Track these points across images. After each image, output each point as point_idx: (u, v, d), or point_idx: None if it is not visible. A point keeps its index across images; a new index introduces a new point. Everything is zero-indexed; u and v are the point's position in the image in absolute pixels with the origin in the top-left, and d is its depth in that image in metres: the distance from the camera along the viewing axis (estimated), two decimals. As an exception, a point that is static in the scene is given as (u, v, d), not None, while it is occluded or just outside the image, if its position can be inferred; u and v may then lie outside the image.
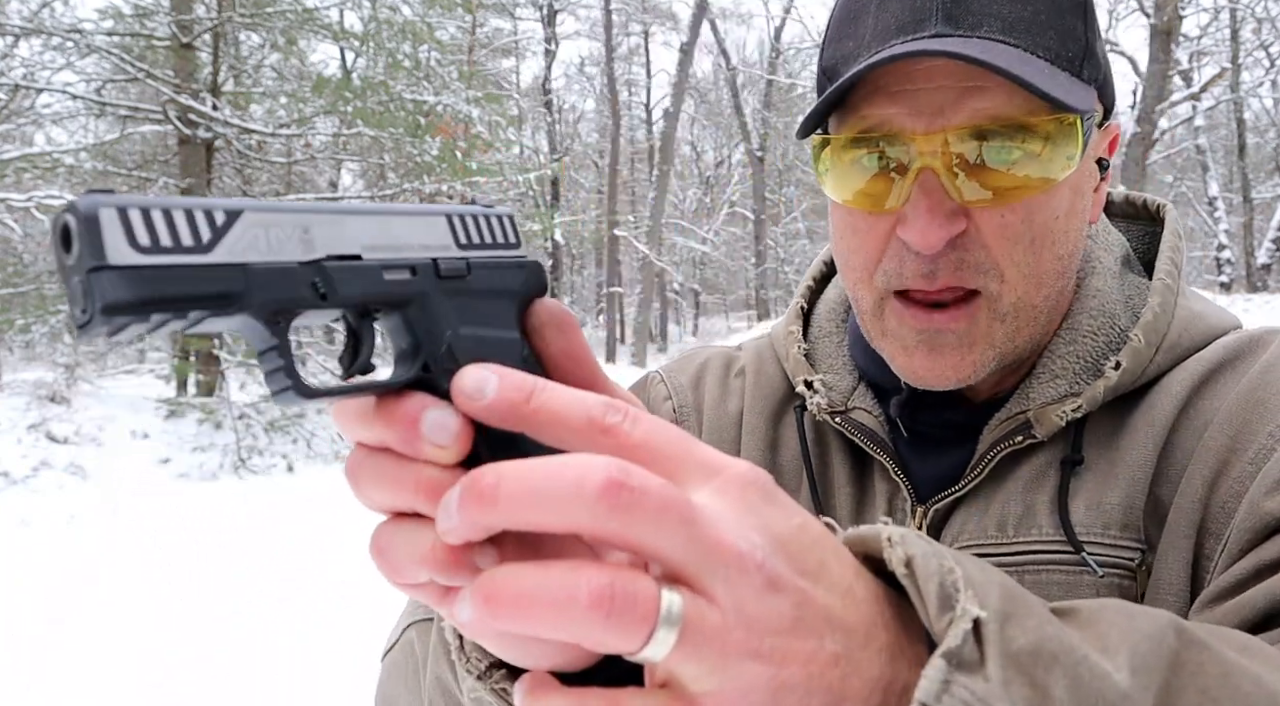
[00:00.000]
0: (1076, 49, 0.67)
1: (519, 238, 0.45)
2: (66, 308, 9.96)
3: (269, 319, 0.35)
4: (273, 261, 0.35)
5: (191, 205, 0.34)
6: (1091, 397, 0.70)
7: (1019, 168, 0.65)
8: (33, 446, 8.53)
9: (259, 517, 7.31)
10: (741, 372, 0.90)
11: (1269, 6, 15.87)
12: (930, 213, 0.64)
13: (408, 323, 0.39)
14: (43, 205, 9.57)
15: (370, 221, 0.39)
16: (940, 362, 0.69)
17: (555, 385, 0.36)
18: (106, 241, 0.31)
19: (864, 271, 0.71)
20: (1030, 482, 0.71)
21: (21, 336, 10.75)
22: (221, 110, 10.64)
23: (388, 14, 11.48)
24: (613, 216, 22.26)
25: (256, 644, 4.50)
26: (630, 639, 0.32)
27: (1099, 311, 0.74)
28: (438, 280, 0.40)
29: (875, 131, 0.67)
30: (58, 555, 6.20)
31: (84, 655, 4.38)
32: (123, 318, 0.31)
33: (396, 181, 13.01)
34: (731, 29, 41.23)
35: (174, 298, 0.32)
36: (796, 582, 0.35)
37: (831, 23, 0.73)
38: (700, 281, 36.61)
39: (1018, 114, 0.64)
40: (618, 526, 0.32)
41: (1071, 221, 0.68)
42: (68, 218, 0.32)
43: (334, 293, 0.37)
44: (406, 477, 0.36)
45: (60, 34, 9.93)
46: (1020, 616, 0.38)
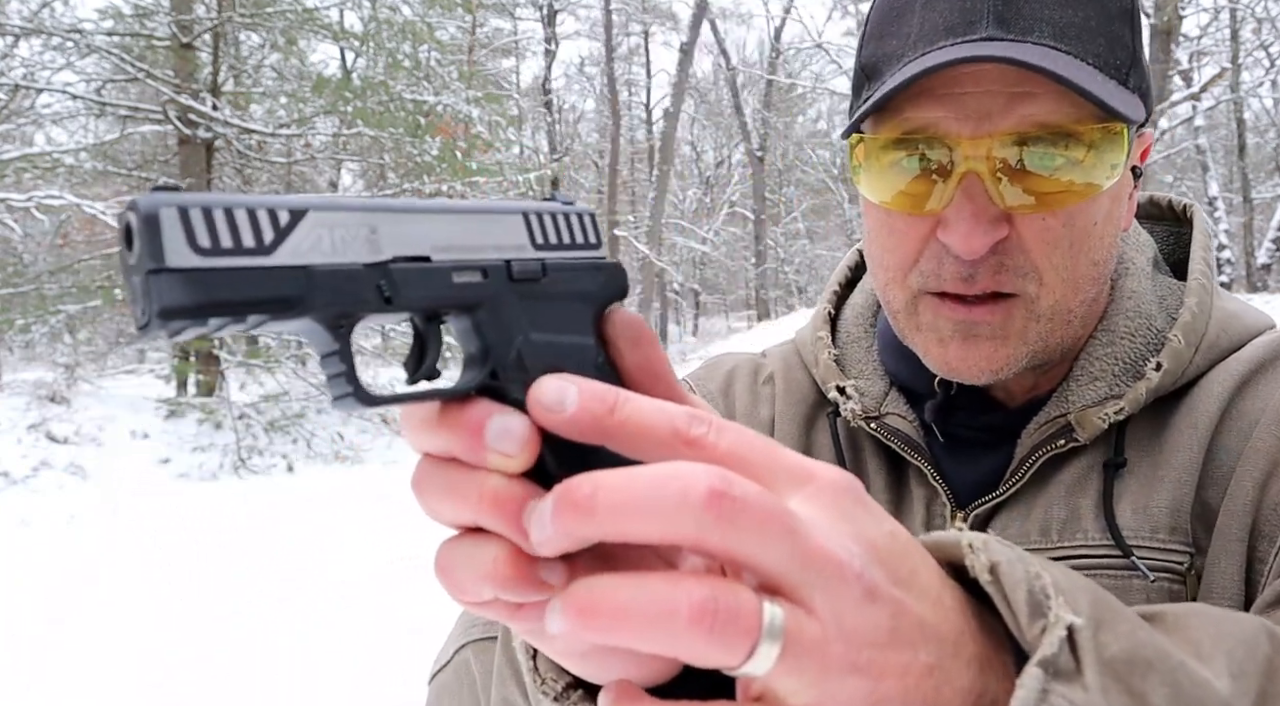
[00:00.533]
0: (1125, 57, 0.66)
1: (600, 237, 0.43)
2: (66, 308, 9.99)
3: (331, 323, 0.34)
4: (337, 264, 0.34)
5: (255, 204, 0.33)
6: (1134, 399, 0.69)
7: (1063, 174, 0.64)
8: (33, 446, 8.53)
9: (259, 517, 7.31)
10: (770, 380, 0.89)
11: (1269, 6, 15.87)
12: (975, 218, 0.64)
13: (477, 327, 0.37)
14: (43, 205, 9.58)
15: (442, 220, 0.37)
16: (975, 353, 0.68)
17: (637, 396, 0.35)
18: (166, 242, 0.30)
19: (898, 271, 0.70)
20: (1073, 486, 0.70)
21: (21, 336, 10.75)
22: (221, 110, 10.65)
23: (388, 14, 11.48)
24: (613, 216, 22.26)
25: (256, 644, 4.50)
26: (733, 653, 0.31)
27: (1135, 313, 0.74)
28: (510, 283, 0.38)
29: (918, 133, 0.66)
30: (58, 555, 6.20)
31: (84, 655, 4.38)
32: (179, 322, 0.30)
33: (396, 181, 13.01)
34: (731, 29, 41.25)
35: (233, 302, 0.31)
36: (892, 592, 0.34)
37: (872, 17, 0.72)
38: (700, 281, 36.61)
39: (1065, 121, 0.63)
40: (721, 537, 0.31)
41: (1108, 228, 0.68)
42: (130, 216, 0.31)
43: (399, 296, 0.35)
44: (470, 488, 0.34)
45: (60, 34, 9.93)
46: (1111, 622, 0.37)
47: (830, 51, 23.19)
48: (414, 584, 5.39)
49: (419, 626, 4.67)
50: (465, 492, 0.35)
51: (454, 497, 0.35)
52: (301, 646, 4.43)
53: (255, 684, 4.04)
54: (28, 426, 8.81)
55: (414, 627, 4.65)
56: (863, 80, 0.72)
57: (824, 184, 33.75)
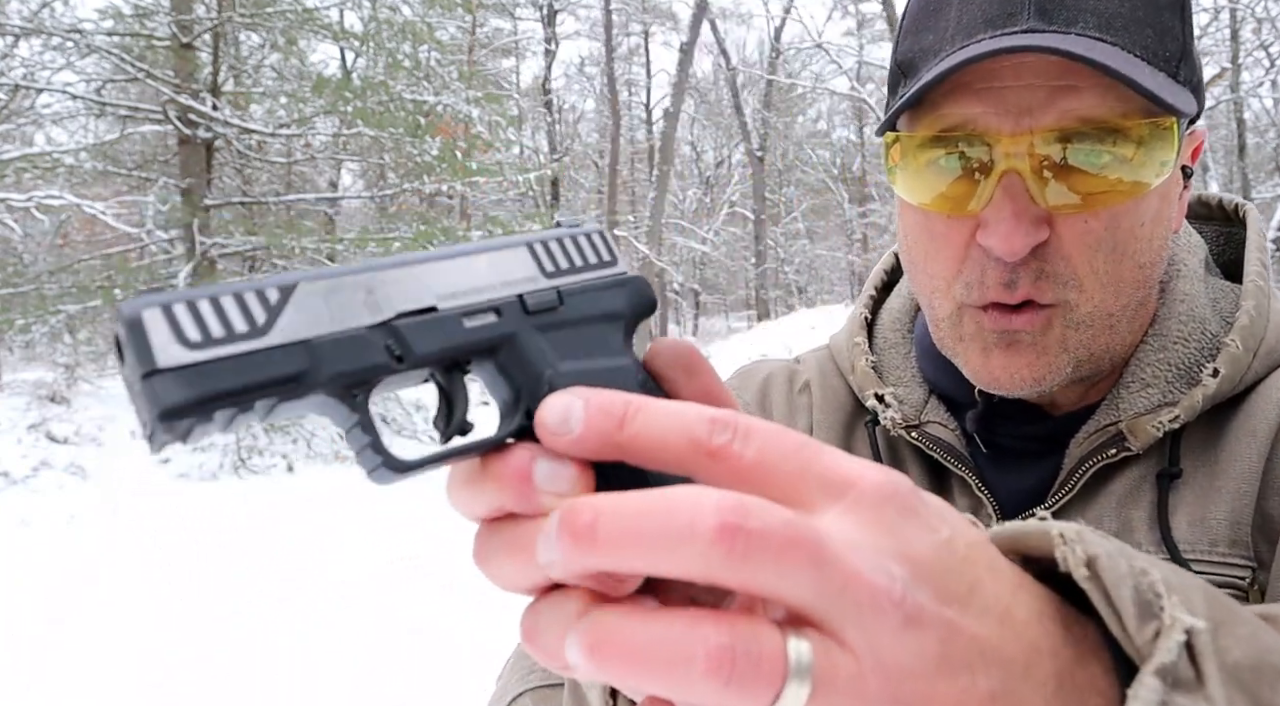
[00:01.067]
0: (1174, 48, 0.63)
1: (615, 254, 0.41)
2: (66, 308, 9.99)
3: (344, 394, 0.32)
4: (338, 331, 0.33)
5: (240, 289, 0.32)
6: (1190, 407, 0.66)
7: (1109, 172, 0.61)
8: (33, 446, 8.53)
9: (259, 517, 7.31)
10: (806, 388, 0.86)
11: (1269, 6, 15.86)
12: (1015, 218, 0.61)
13: (501, 369, 0.36)
14: (43, 205, 9.58)
15: (443, 267, 0.36)
16: (1016, 362, 0.66)
17: (652, 403, 0.32)
18: (154, 344, 0.30)
19: (942, 281, 0.68)
20: (1124, 498, 0.67)
21: (21, 336, 10.75)
22: (221, 110, 10.65)
23: (388, 14, 11.48)
24: (613, 216, 22.25)
25: (256, 644, 4.50)
26: (756, 701, 0.28)
27: (1188, 317, 0.70)
28: (527, 316, 0.37)
29: (956, 131, 0.63)
30: (58, 555, 6.20)
31: (84, 655, 4.38)
32: (184, 420, 0.29)
33: (396, 181, 13.01)
34: (731, 29, 41.22)
35: (234, 390, 0.30)
36: (942, 614, 0.30)
37: (908, 13, 0.69)
38: (700, 281, 36.60)
39: (1110, 116, 0.60)
40: (734, 573, 0.28)
41: (1156, 229, 0.65)
42: (118, 328, 0.30)
43: (410, 353, 0.34)
44: (532, 540, 0.31)
45: (60, 34, 9.93)
46: (1231, 624, 0.33)
47: (830, 51, 23.18)
48: (414, 584, 5.39)
49: (419, 626, 4.67)
50: (528, 544, 0.31)
51: (520, 555, 0.32)
52: (301, 646, 4.43)
53: (255, 684, 4.04)
54: (28, 426, 8.81)
55: (414, 627, 4.65)
56: (899, 77, 0.69)
57: (824, 184, 33.74)
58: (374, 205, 14.56)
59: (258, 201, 12.18)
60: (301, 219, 14.35)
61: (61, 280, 10.70)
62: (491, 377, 0.37)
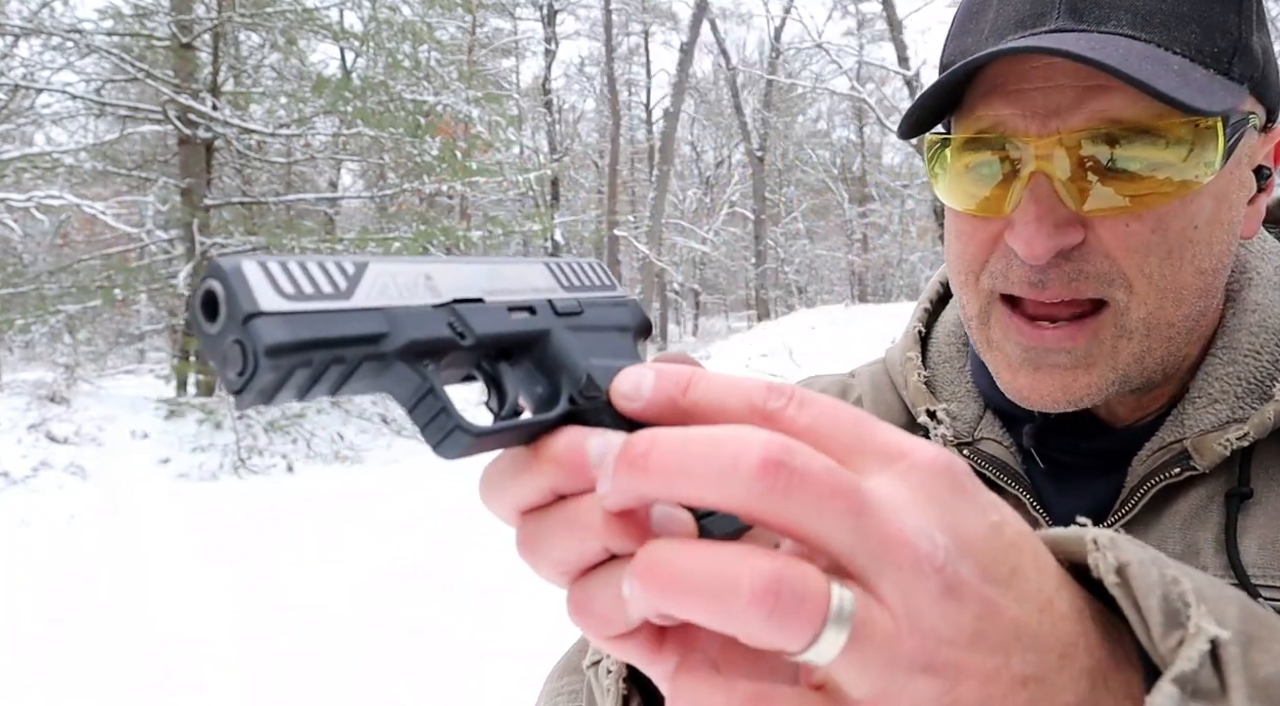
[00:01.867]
0: (1225, 43, 0.60)
1: (614, 280, 0.45)
2: (66, 308, 9.99)
3: (417, 362, 0.34)
4: (409, 304, 0.35)
5: (321, 258, 0.34)
6: (1260, 424, 0.63)
7: (1145, 175, 0.58)
8: (33, 446, 8.54)
9: (259, 517, 7.31)
10: (859, 403, 0.84)
11: (1269, 6, 15.89)
12: (1039, 221, 0.59)
13: (539, 363, 0.39)
14: (43, 205, 9.59)
15: (481, 268, 0.39)
16: (1046, 383, 0.63)
17: (712, 373, 0.34)
18: (256, 291, 0.31)
19: (969, 274, 0.66)
20: (1190, 518, 0.64)
21: (21, 336, 10.76)
22: (221, 110, 10.65)
23: (388, 14, 11.49)
24: (613, 216, 22.25)
25: (256, 644, 4.50)
26: (794, 638, 0.28)
27: (1260, 327, 0.67)
28: (557, 317, 0.40)
29: (989, 132, 0.62)
30: (58, 555, 6.20)
31: (84, 655, 4.38)
32: (286, 359, 0.31)
33: (396, 181, 13.01)
34: (731, 29, 41.22)
35: (329, 339, 0.32)
36: (983, 591, 0.30)
37: (956, 17, 0.69)
38: (700, 281, 36.61)
39: (1143, 117, 0.58)
40: (776, 509, 0.29)
41: (1216, 232, 0.61)
42: (210, 283, 0.31)
43: (470, 331, 0.36)
44: (591, 515, 0.33)
45: (60, 34, 9.94)
46: (1267, 640, 0.32)
47: (830, 51, 23.16)
48: (414, 584, 5.39)
49: (419, 626, 4.67)
50: (587, 520, 0.33)
51: (575, 531, 0.33)
52: (301, 646, 4.43)
53: (255, 683, 4.04)
54: (28, 426, 8.82)
55: (414, 627, 4.65)
56: None
57: (824, 184, 33.75)
58: (374, 205, 14.56)
59: (258, 201, 12.18)
60: (301, 219, 14.36)
61: (61, 280, 10.70)
62: (529, 373, 0.39)
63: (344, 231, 16.23)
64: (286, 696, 3.93)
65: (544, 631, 0.73)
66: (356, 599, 5.18)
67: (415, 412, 0.34)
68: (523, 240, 22.99)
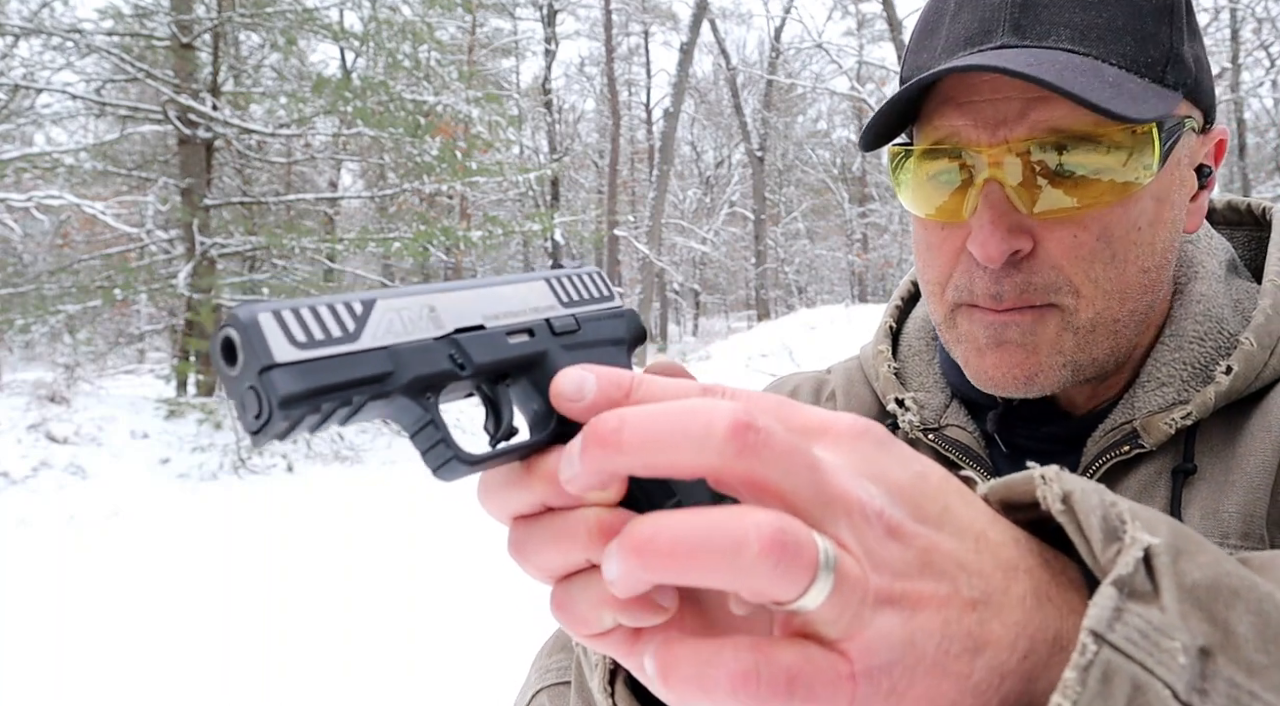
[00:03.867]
0: (1159, 53, 0.64)
1: (612, 290, 0.47)
2: (66, 308, 9.99)
3: (419, 395, 0.37)
4: (412, 340, 0.37)
5: (332, 301, 0.36)
6: (1202, 404, 0.67)
7: (1087, 179, 0.63)
8: (33, 446, 8.54)
9: (259, 517, 7.32)
10: (832, 396, 0.89)
11: (1269, 6, 15.88)
12: (994, 224, 0.64)
13: (535, 383, 0.41)
14: (43, 205, 9.59)
15: (482, 293, 0.41)
16: (1008, 361, 0.68)
17: (652, 377, 0.37)
18: (270, 343, 0.33)
19: (937, 285, 0.71)
20: (1139, 493, 0.68)
21: (21, 336, 10.76)
22: (221, 110, 10.65)
23: (388, 14, 11.48)
24: (613, 216, 22.25)
25: (256, 644, 4.50)
26: (793, 586, 0.31)
27: (1205, 316, 0.72)
28: (554, 337, 0.42)
29: (945, 143, 0.67)
30: (58, 555, 6.20)
31: (83, 655, 4.38)
32: (298, 409, 0.33)
33: (396, 181, 13.01)
34: (731, 29, 41.21)
35: (337, 384, 0.34)
36: (919, 530, 0.34)
37: (913, 34, 0.73)
38: (700, 281, 36.61)
39: (1083, 125, 0.62)
40: (747, 468, 0.31)
41: (1158, 232, 0.66)
42: (229, 332, 0.34)
43: (470, 362, 0.39)
44: (576, 527, 0.35)
45: (60, 34, 9.94)
46: (1193, 552, 0.36)
47: (830, 51, 23.18)
48: (413, 584, 5.39)
49: (419, 626, 4.67)
50: (572, 532, 0.35)
51: (562, 541, 0.36)
52: (301, 646, 4.43)
53: (255, 683, 4.04)
54: (28, 426, 8.82)
55: (414, 627, 4.66)
56: None
57: (824, 184, 33.76)
58: (374, 205, 14.56)
59: (258, 201, 12.18)
60: (301, 219, 14.36)
61: (61, 280, 10.70)
62: (526, 393, 0.41)
63: (344, 231, 16.23)
64: (286, 696, 3.93)
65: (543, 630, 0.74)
66: (356, 598, 5.18)
67: (416, 439, 0.37)
68: (523, 240, 22.98)
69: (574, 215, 23.58)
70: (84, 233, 12.96)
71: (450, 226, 12.80)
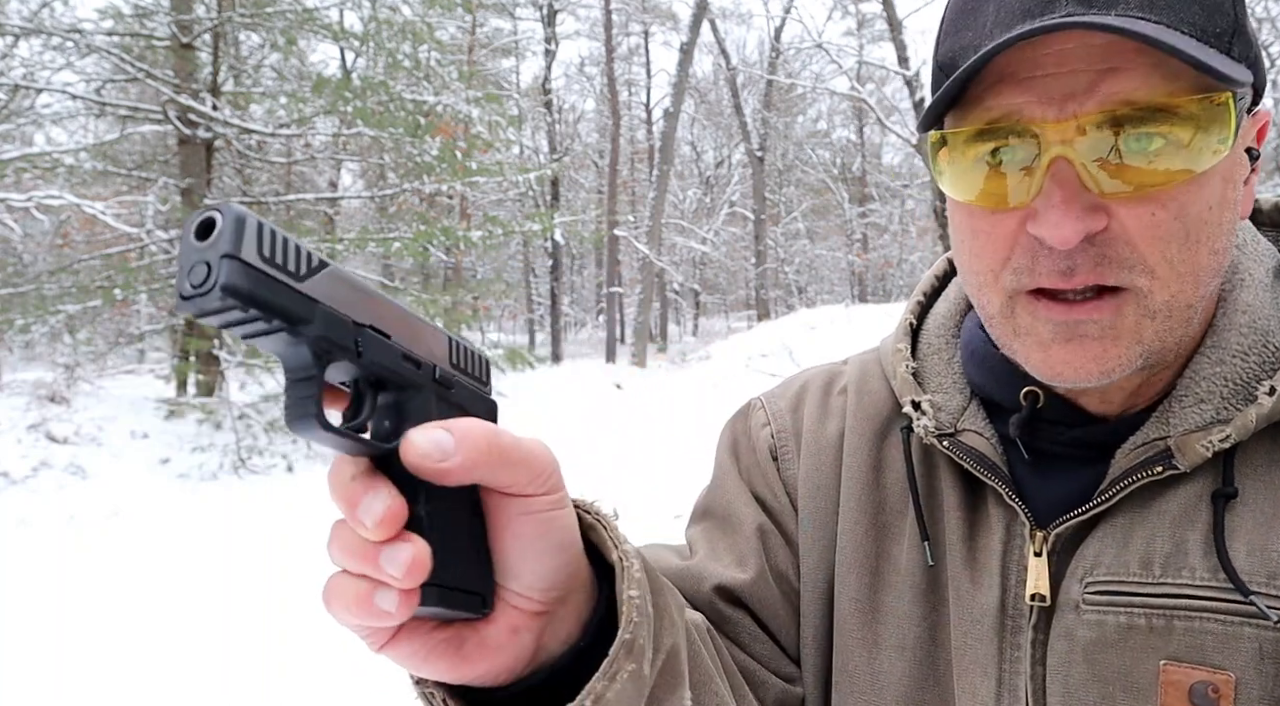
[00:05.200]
0: (1225, 24, 0.60)
1: (489, 379, 0.55)
2: (66, 308, 9.98)
3: (317, 353, 0.42)
4: (336, 310, 0.43)
5: (300, 242, 0.41)
6: (1242, 426, 0.63)
7: (1163, 154, 0.59)
8: (33, 446, 8.53)
9: (259, 517, 7.31)
10: (844, 391, 0.86)
11: (1269, 6, 15.87)
12: (1066, 204, 0.59)
13: (398, 406, 0.47)
14: (43, 205, 9.58)
15: (402, 317, 0.48)
16: (1082, 355, 0.62)
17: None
18: (245, 240, 0.38)
19: (990, 274, 0.65)
20: (1179, 518, 0.64)
21: (21, 336, 10.75)
22: (221, 110, 10.65)
23: (388, 14, 11.47)
24: (613, 216, 22.24)
25: (256, 644, 4.50)
26: None
27: (1250, 328, 0.67)
28: (433, 382, 0.49)
29: (1002, 122, 0.61)
30: (58, 555, 6.20)
31: (84, 655, 4.38)
32: (232, 299, 0.37)
33: (396, 181, 13.01)
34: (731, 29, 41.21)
35: (268, 303, 0.39)
36: None
37: (947, 16, 0.68)
38: (700, 281, 36.59)
39: (1158, 96, 0.58)
40: None
41: (1225, 213, 0.62)
42: (215, 214, 0.38)
43: (366, 353, 0.44)
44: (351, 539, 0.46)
45: (60, 34, 9.93)
46: None
47: (830, 51, 23.13)
48: (414, 584, 5.39)
49: (419, 626, 4.67)
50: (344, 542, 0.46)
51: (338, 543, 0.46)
52: (301, 646, 4.43)
53: (255, 683, 4.04)
54: (28, 426, 8.81)
55: (414, 627, 4.66)
56: (940, 79, 0.68)
57: (824, 184, 33.75)
58: (374, 205, 14.56)
59: (258, 201, 12.17)
60: (301, 219, 14.35)
61: (61, 280, 10.69)
62: (387, 408, 0.47)
63: (344, 231, 16.22)
64: (286, 696, 3.93)
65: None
66: (356, 599, 5.18)
67: (293, 384, 0.42)
68: (523, 240, 22.96)
69: (574, 215, 23.58)
70: (84, 233, 12.95)
71: (450, 226, 12.80)
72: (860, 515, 0.79)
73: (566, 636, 0.53)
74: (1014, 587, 0.69)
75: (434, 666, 0.50)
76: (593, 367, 19.31)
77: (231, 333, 0.40)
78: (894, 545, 0.77)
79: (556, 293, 25.28)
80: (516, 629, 0.51)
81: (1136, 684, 0.63)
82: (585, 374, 17.44)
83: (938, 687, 0.73)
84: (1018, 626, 0.68)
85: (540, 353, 24.53)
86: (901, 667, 0.74)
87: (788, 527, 0.83)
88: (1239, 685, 0.60)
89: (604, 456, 9.11)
